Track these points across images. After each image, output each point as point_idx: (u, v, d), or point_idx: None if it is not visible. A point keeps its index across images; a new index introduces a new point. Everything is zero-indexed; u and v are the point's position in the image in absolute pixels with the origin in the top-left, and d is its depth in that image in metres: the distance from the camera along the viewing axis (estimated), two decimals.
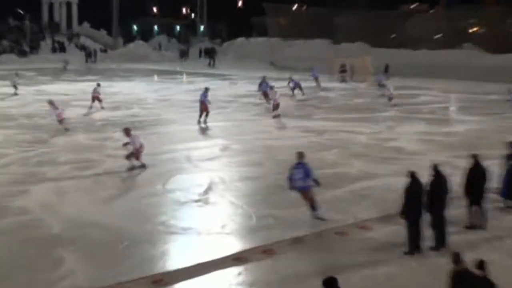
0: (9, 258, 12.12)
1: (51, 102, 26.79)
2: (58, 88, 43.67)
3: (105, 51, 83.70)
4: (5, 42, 79.56)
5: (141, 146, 19.35)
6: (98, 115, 30.90)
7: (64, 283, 10.96)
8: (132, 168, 19.02)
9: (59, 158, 21.02)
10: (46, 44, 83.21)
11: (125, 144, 19.46)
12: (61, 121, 26.04)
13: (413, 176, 12.06)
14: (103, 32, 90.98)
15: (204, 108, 28.24)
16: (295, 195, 14.32)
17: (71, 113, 30.04)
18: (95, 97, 32.53)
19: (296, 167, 14.08)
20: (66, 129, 25.79)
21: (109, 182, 18.00)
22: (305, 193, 14.07)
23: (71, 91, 39.88)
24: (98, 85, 33.63)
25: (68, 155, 21.37)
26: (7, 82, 41.31)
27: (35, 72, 58.27)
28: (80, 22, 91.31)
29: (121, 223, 14.16)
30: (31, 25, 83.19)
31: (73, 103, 35.08)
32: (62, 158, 20.94)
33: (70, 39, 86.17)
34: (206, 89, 29.06)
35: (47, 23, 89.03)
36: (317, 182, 14.15)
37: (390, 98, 34.47)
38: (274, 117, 29.25)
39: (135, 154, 19.18)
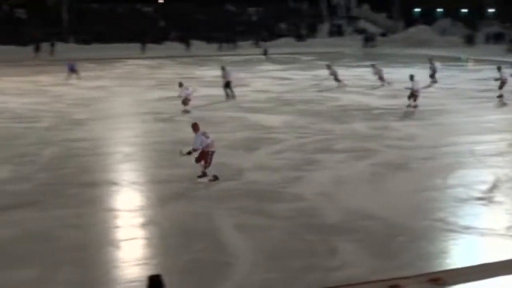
0: (286, 243, 13.06)
1: (180, 84, 29.42)
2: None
3: (384, 35, 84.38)
4: (283, 25, 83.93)
5: (207, 147, 17.30)
6: (375, 103, 31.55)
7: (340, 273, 11.56)
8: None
9: (335, 145, 21.97)
10: (323, 27, 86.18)
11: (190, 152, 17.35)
12: (185, 101, 28.29)
13: None
14: (383, 15, 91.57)
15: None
16: None
17: (347, 100, 31.15)
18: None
19: None
20: (186, 111, 27.96)
21: (388, 173, 18.39)
22: None
23: (347, 76, 41.02)
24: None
25: (345, 143, 22.26)
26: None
27: (313, 57, 60.86)
28: (359, 5, 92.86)
29: (397, 216, 14.52)
30: (309, 8, 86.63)
31: (347, 89, 36.30)
32: (339, 146, 21.87)
33: (348, 22, 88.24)
34: None
35: (326, 5, 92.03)
36: None
37: None
38: None
39: (200, 155, 17.32)
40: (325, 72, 40.31)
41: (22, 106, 31.21)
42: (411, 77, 29.98)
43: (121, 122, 27.19)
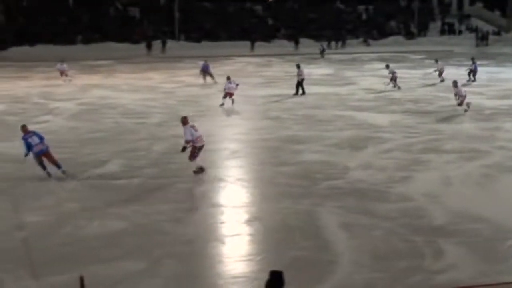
0: (389, 243, 12.90)
1: (228, 77, 30.51)
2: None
3: (497, 33, 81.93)
4: (393, 23, 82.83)
5: (197, 141, 17.79)
6: (486, 103, 30.70)
7: (444, 276, 11.32)
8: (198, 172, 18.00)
9: (444, 146, 21.51)
10: (434, 25, 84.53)
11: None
12: (227, 95, 29.38)
13: None
14: (496, 13, 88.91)
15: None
16: None
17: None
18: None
19: None
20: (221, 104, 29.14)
21: (499, 175, 17.87)
22: None
23: (456, 76, 39.95)
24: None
25: (455, 144, 21.76)
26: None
27: (423, 55, 59.80)
28: (472, 3, 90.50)
29: (506, 219, 14.09)
30: (420, 6, 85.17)
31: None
32: (448, 146, 21.40)
33: (460, 20, 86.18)
34: None
35: (437, 3, 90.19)
36: None
37: None
38: None
39: (191, 151, 17.80)
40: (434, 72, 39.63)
41: (134, 102, 32.13)
42: None
43: (229, 119, 27.57)
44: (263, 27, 74.95)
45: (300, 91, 33.84)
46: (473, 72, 39.42)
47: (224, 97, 30.26)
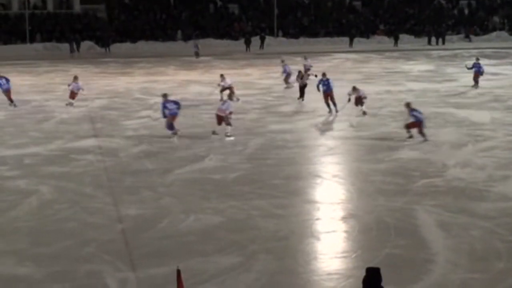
0: (488, 244, 12.58)
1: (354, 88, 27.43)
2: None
3: None
4: (496, 19, 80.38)
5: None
6: None
7: None
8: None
9: None
10: None
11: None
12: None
13: None
14: None
15: None
16: None
17: None
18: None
19: None
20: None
21: None
22: None
23: None
24: None
25: None
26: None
27: None
28: None
29: None
30: None
31: None
32: None
33: None
34: None
35: None
36: None
37: None
38: None
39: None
40: None
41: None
42: None
43: (325, 115, 27.45)
44: (362, 23, 74.22)
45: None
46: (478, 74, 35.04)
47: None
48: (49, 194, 16.37)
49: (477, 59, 36.08)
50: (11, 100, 29.69)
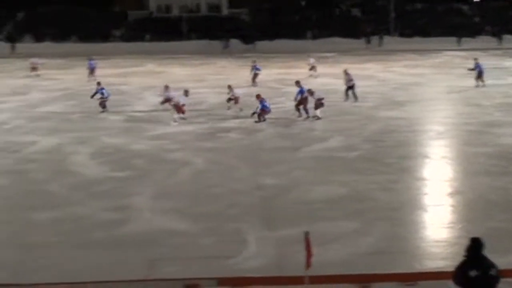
0: None
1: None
2: None
3: None
4: None
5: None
6: None
7: None
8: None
9: None
10: None
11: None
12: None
13: None
14: None
15: None
16: None
17: None
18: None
19: None
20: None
21: None
22: None
23: None
24: None
25: None
26: None
27: None
28: None
29: None
30: None
31: None
32: None
33: None
34: None
35: None
36: None
37: None
38: None
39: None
40: None
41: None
42: None
43: (435, 104, 26.64)
44: (469, 24, 71.25)
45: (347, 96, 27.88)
46: (479, 73, 31.14)
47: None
48: (201, 164, 16.87)
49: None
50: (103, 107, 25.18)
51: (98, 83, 26.23)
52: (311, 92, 23.36)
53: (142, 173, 16.04)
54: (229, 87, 25.60)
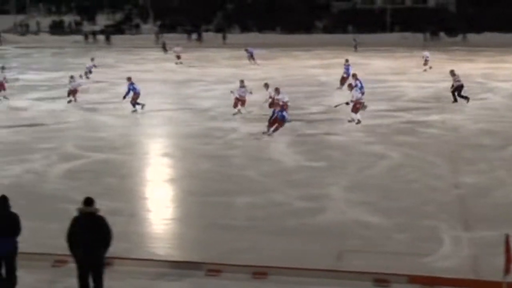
0: None
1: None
2: None
3: None
4: None
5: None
6: None
7: None
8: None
9: None
10: None
11: None
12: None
13: None
14: None
15: None
16: None
17: None
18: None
19: None
20: None
21: None
22: None
23: None
24: None
25: None
26: None
27: None
28: None
29: None
30: None
31: None
32: None
33: None
34: None
35: None
36: None
37: None
38: None
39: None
40: None
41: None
42: None
43: None
44: None
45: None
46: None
47: None
48: (398, 158, 16.59)
49: None
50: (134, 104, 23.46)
51: (129, 78, 23.79)
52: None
53: (337, 164, 16.16)
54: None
